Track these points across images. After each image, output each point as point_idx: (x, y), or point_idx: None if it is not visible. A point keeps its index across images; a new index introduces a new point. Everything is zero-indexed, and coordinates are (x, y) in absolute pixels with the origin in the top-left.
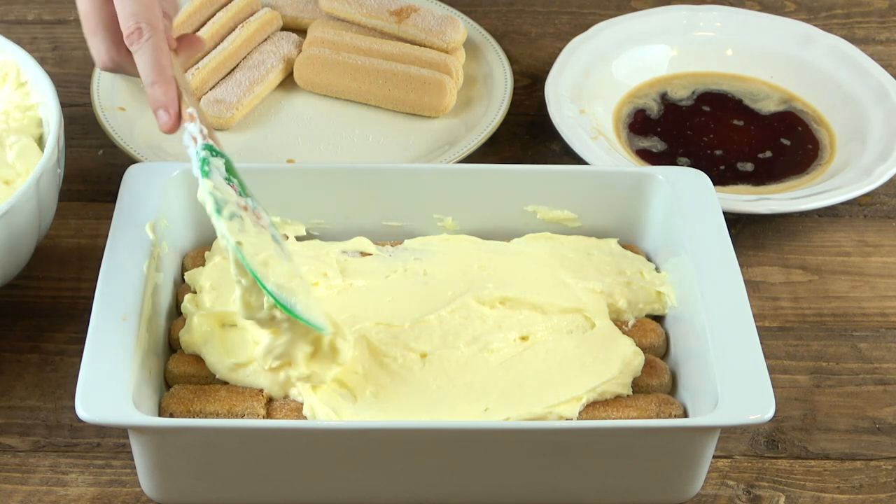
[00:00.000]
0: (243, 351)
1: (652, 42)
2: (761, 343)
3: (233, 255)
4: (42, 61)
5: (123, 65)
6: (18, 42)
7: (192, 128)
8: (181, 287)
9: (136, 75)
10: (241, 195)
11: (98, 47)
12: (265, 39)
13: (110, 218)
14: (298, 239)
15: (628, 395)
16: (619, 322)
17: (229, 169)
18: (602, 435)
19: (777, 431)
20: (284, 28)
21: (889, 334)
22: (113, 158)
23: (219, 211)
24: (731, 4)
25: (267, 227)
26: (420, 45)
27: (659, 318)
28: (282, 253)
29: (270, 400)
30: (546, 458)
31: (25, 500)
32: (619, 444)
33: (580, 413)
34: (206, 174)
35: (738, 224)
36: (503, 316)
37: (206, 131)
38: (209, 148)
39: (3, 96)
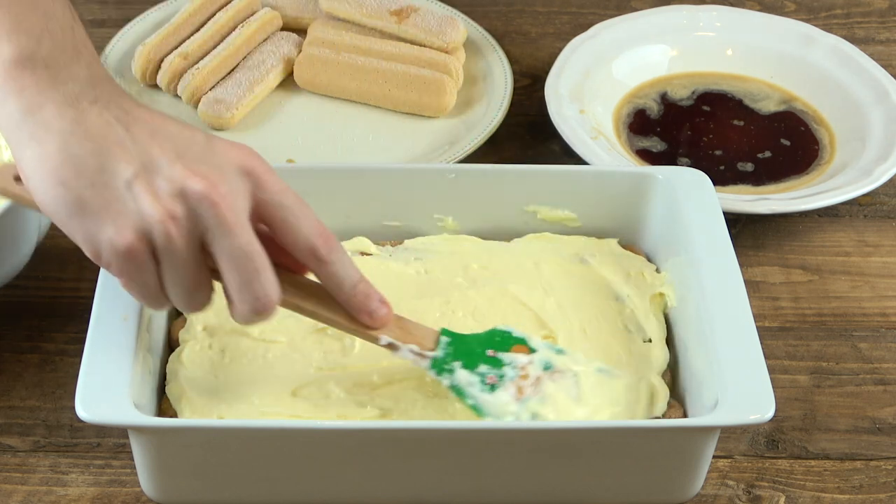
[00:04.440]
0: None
1: (652, 42)
2: (761, 343)
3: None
4: None
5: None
6: None
7: (404, 353)
8: None
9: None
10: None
11: (273, 283)
12: (265, 39)
13: None
14: None
15: None
16: None
17: (454, 356)
18: (602, 435)
19: (777, 431)
20: (284, 28)
21: (889, 334)
22: None
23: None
24: (731, 4)
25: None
26: (420, 45)
27: None
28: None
29: None
30: (546, 458)
31: (25, 500)
32: (619, 444)
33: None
34: (460, 394)
35: (738, 224)
36: None
37: (416, 349)
38: (436, 364)
39: None
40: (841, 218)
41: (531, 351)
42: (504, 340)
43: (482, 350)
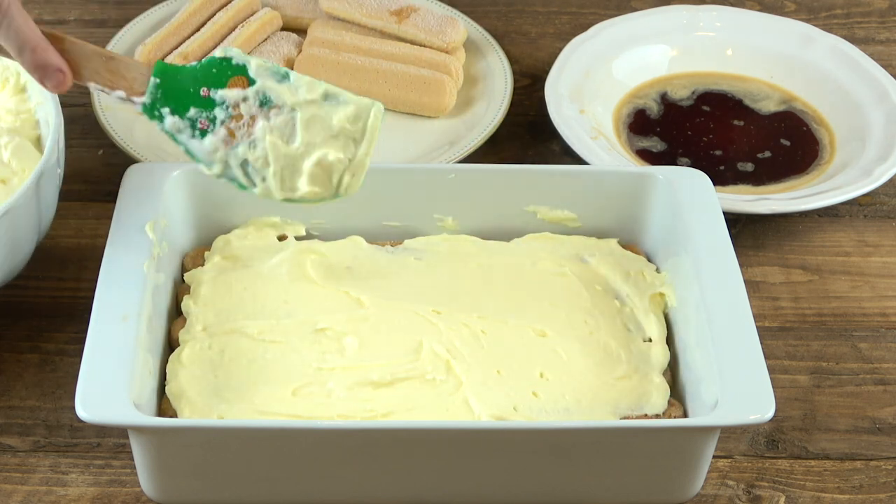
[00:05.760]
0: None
1: (652, 42)
2: (761, 343)
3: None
4: None
5: None
6: None
7: (116, 94)
8: (181, 287)
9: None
10: (197, 105)
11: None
12: (265, 39)
13: (110, 218)
14: (298, 239)
15: None
16: None
17: (169, 89)
18: (602, 435)
19: (777, 431)
20: (284, 28)
21: (889, 334)
22: (113, 158)
23: (202, 134)
24: (731, 4)
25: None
26: (420, 45)
27: None
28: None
29: None
30: (546, 458)
31: (25, 500)
32: (619, 444)
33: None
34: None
35: (738, 224)
36: None
37: (123, 94)
38: (146, 109)
39: (0, 102)
40: (841, 218)
41: (250, 82)
42: (222, 71)
43: (196, 89)
